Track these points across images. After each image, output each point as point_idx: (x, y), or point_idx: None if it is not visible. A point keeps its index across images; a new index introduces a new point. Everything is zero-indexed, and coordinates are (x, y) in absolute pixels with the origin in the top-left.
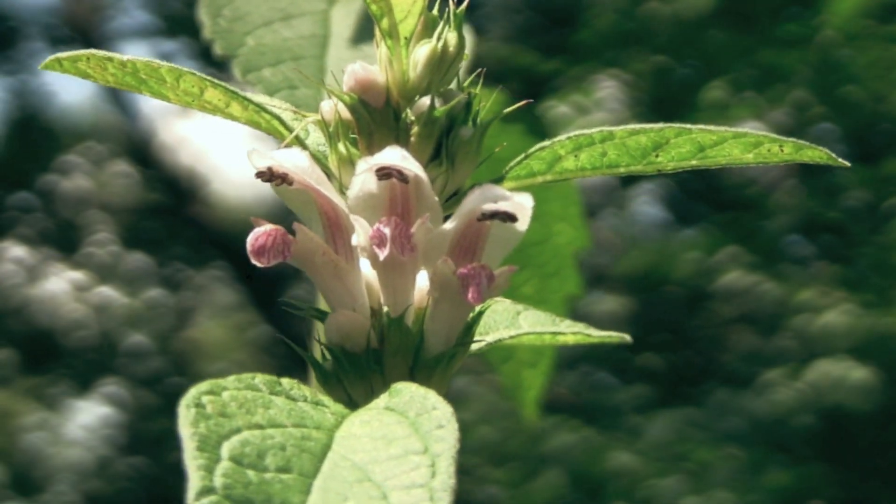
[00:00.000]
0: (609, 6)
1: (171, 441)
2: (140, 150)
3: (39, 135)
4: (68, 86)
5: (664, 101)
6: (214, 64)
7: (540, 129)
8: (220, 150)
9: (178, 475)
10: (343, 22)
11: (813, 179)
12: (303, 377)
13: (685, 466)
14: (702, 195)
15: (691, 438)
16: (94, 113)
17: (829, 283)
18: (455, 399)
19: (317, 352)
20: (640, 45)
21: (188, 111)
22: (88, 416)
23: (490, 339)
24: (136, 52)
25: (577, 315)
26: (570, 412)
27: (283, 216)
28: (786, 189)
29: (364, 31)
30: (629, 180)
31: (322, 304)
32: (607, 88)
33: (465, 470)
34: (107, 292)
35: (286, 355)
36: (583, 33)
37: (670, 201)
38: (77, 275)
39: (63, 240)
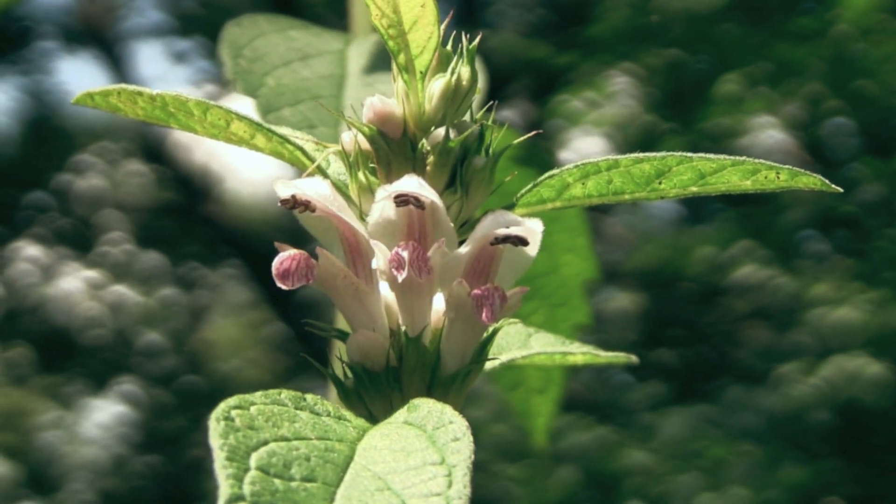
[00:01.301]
0: (622, 0)
1: (185, 439)
2: (154, 149)
3: (54, 134)
4: (82, 85)
5: (677, 96)
6: None
7: (544, 160)
8: (234, 149)
9: (192, 473)
10: (358, 61)
11: (827, 173)
12: (316, 376)
13: (700, 463)
14: None
15: (706, 435)
16: (108, 112)
17: (844, 277)
18: (469, 397)
19: (338, 369)
20: (653, 39)
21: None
22: (104, 415)
23: (503, 358)
24: (149, 51)
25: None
26: (584, 410)
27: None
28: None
29: (377, 68)
30: None
31: (341, 323)
32: (620, 83)
33: (479, 467)
34: (121, 291)
35: (300, 353)
36: (596, 28)
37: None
38: (92, 273)
39: (78, 239)
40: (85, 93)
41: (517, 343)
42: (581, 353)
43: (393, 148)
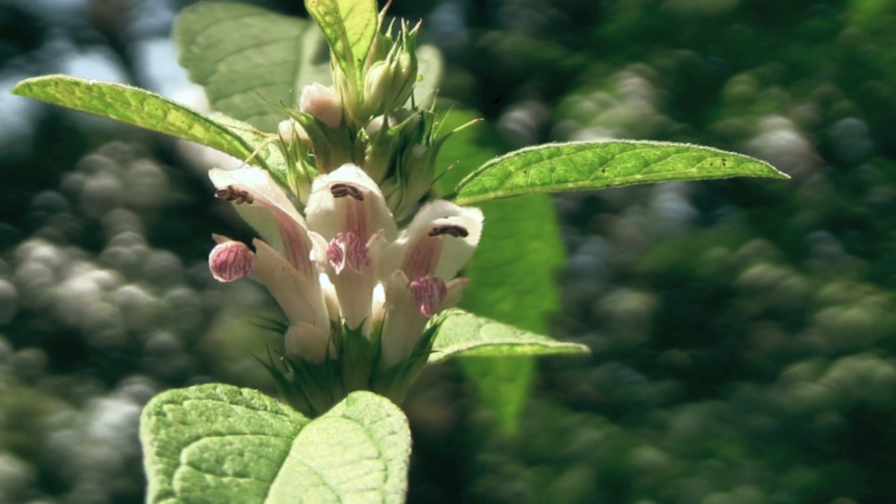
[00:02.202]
0: (633, 1)
1: None
2: (165, 149)
3: (65, 134)
4: None
5: (689, 97)
6: None
7: (500, 143)
8: None
9: None
10: (313, 47)
11: (838, 174)
12: None
13: (711, 463)
14: (727, 191)
15: (717, 435)
16: None
17: (855, 278)
18: (474, 397)
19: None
20: (664, 40)
21: (212, 111)
22: (115, 415)
23: (448, 350)
24: (162, 52)
25: (601, 313)
26: (595, 409)
27: None
28: (811, 184)
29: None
30: None
31: None
32: (631, 84)
33: (490, 468)
34: (133, 291)
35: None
36: (607, 28)
37: (695, 197)
38: (103, 274)
39: (89, 239)
40: (23, 83)
41: (466, 334)
42: (529, 343)
43: (331, 137)
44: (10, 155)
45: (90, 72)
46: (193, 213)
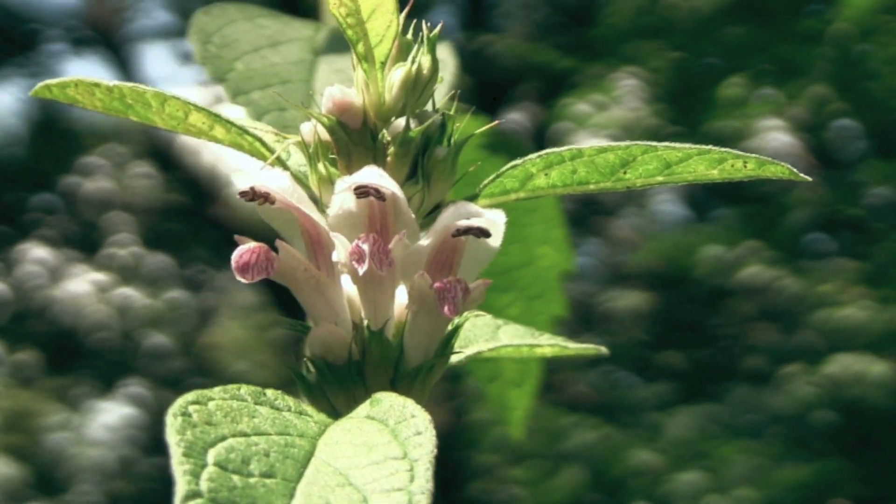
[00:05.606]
0: (627, 2)
1: None
2: (161, 151)
3: (61, 136)
4: None
5: (683, 98)
6: None
7: (512, 148)
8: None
9: None
10: (330, 47)
11: (833, 175)
12: None
13: (705, 463)
14: (722, 191)
15: (712, 435)
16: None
17: (849, 278)
18: (474, 398)
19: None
20: (658, 41)
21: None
22: (111, 417)
23: (469, 351)
24: (157, 53)
25: (597, 314)
26: (590, 410)
27: None
28: (806, 185)
29: (347, 55)
30: None
31: None
32: (626, 85)
33: (485, 469)
34: (128, 293)
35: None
36: (601, 30)
37: (690, 198)
38: (99, 276)
39: (85, 241)
40: (43, 85)
41: (486, 335)
42: (549, 344)
43: (353, 138)
44: (6, 156)
45: (86, 73)
46: (189, 215)
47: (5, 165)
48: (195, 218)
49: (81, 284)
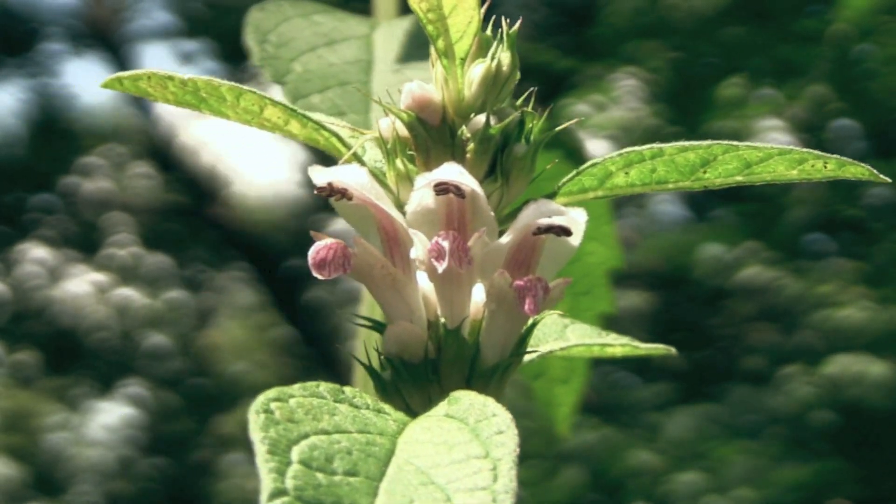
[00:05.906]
0: (627, 2)
1: (192, 441)
2: (161, 151)
3: (61, 136)
4: (89, 87)
5: (683, 98)
6: (235, 65)
7: (574, 151)
8: (241, 152)
9: (199, 475)
10: (385, 46)
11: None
12: (325, 378)
13: (705, 464)
14: (721, 191)
15: (711, 435)
16: (115, 114)
17: (849, 278)
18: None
19: (374, 361)
20: (658, 41)
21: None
22: (110, 417)
23: (543, 350)
24: (156, 53)
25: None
26: (589, 410)
27: (304, 216)
28: (805, 185)
29: (406, 54)
30: None
31: (371, 313)
32: (626, 86)
33: None
34: (128, 293)
35: (307, 356)
36: (600, 30)
37: (690, 198)
38: (98, 276)
39: (84, 241)
40: (114, 77)
41: (553, 334)
42: (620, 344)
43: (432, 135)
44: (6, 156)
45: (85, 73)
46: (189, 215)
47: (5, 165)
48: (194, 218)
49: (81, 284)
